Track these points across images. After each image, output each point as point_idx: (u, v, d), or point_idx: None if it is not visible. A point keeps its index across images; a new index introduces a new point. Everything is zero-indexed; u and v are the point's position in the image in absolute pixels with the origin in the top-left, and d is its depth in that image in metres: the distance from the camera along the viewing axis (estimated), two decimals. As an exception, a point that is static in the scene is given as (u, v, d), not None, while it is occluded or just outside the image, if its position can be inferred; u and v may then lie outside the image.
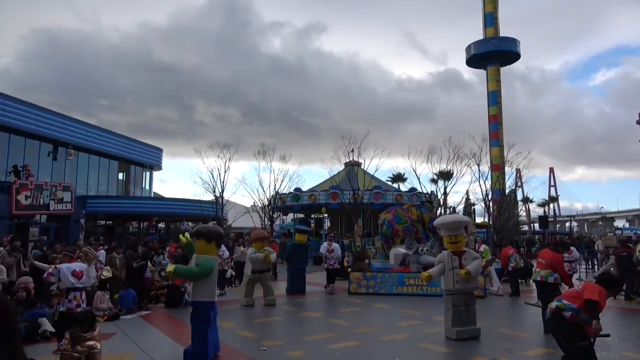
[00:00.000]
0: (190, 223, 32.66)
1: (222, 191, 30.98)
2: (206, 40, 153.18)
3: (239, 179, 66.74)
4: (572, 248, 11.48)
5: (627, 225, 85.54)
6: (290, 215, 38.45)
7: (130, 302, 10.26)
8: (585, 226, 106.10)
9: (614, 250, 13.44)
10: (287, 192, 32.23)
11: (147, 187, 38.68)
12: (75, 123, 28.83)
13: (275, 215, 32.68)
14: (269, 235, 12.93)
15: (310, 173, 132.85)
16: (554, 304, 4.95)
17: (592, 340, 4.71)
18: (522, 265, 13.97)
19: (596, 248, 21.23)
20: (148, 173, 38.84)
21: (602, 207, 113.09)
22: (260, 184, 32.23)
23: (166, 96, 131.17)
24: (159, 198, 38.73)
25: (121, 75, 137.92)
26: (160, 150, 39.08)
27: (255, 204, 33.91)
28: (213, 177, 30.58)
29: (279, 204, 32.05)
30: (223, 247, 13.61)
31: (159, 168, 39.38)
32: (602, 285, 4.86)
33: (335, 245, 15.44)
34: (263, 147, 32.37)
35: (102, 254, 11.53)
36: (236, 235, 17.48)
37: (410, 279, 12.89)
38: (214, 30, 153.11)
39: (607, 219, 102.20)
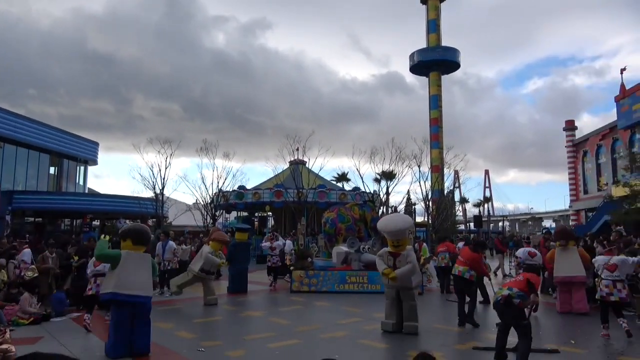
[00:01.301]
0: (127, 221, 31.40)
1: (163, 188, 30.08)
2: (146, 31, 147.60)
3: (180, 176, 64.81)
4: (535, 251, 11.75)
5: (553, 224, 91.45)
6: (234, 214, 37.97)
7: (61, 304, 9.72)
8: (517, 225, 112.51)
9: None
10: (231, 189, 31.80)
11: (81, 183, 36.82)
12: (0, 112, 26.88)
13: (217, 214, 32.14)
14: (229, 241, 12.75)
15: (255, 171, 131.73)
16: (505, 292, 6.01)
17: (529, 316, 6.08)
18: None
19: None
20: (82, 168, 36.98)
21: (532, 208, 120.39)
22: (203, 181, 31.66)
23: (102, 88, 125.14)
24: (93, 194, 36.97)
25: (52, 63, 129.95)
26: (96, 144, 37.30)
27: (198, 201, 33.18)
28: (153, 174, 29.62)
29: (222, 201, 31.57)
30: (173, 245, 13.27)
31: (95, 163, 37.60)
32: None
33: (278, 243, 15.48)
34: (206, 143, 31.79)
35: (26, 253, 10.79)
36: (175, 233, 16.97)
37: (352, 277, 13.11)
38: (154, 21, 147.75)
39: (536, 218, 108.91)
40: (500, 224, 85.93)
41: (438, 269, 14.02)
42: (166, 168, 29.80)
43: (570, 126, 46.96)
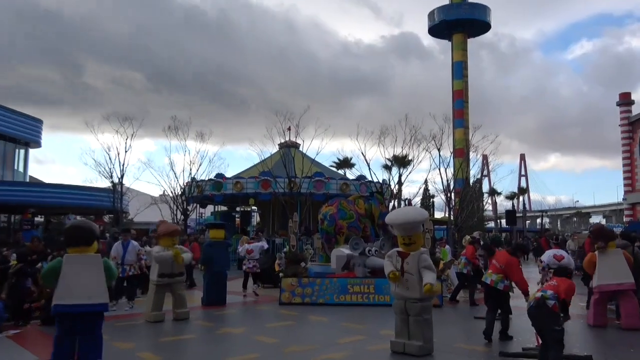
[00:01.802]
0: (78, 217, 31.40)
1: (122, 176, 30.10)
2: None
3: (143, 162, 64.63)
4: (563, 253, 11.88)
5: (603, 221, 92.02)
6: (210, 208, 38.03)
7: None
8: (559, 222, 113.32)
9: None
10: (206, 178, 31.78)
11: (21, 169, 36.71)
12: None
13: (190, 208, 32.19)
14: (180, 230, 12.52)
15: (236, 156, 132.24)
16: (539, 294, 6.67)
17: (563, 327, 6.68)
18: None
19: (567, 248, 22.66)
20: (22, 151, 36.84)
21: (577, 202, 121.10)
22: (172, 168, 31.75)
23: (46, 52, 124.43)
24: (36, 184, 36.87)
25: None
26: (39, 121, 37.14)
27: (165, 193, 33.16)
28: (110, 159, 29.59)
29: (196, 193, 31.60)
30: (136, 245, 13.22)
31: (37, 145, 37.48)
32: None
33: (257, 244, 15.56)
34: (175, 121, 31.78)
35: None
36: (138, 232, 16.99)
37: (355, 286, 13.17)
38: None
39: (582, 214, 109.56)
40: (539, 220, 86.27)
41: (459, 275, 14.11)
42: (126, 152, 29.83)
43: (625, 100, 46.99)
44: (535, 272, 13.43)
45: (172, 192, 31.64)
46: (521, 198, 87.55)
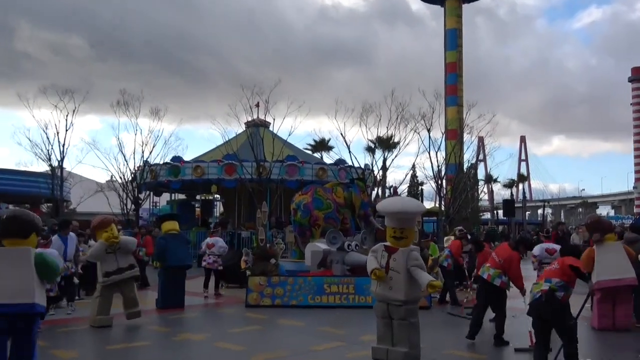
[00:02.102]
0: (10, 206, 30.91)
1: (62, 159, 29.69)
2: None
3: (87, 142, 63.60)
4: None
5: (612, 212, 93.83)
6: (166, 197, 37.76)
7: None
8: (562, 213, 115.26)
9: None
10: (162, 162, 31.52)
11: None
12: None
13: (142, 196, 31.92)
14: (114, 220, 12.26)
15: (196, 136, 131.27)
16: (545, 286, 6.93)
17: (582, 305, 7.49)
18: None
19: (571, 242, 23.08)
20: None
21: (583, 190, 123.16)
22: (121, 150, 31.39)
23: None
24: (-40, 167, 36.13)
25: None
26: (-37, 94, 36.34)
27: (113, 179, 32.82)
28: (48, 138, 29.13)
29: (149, 179, 31.32)
30: (75, 240, 13.02)
31: (-39, 122, 36.67)
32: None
33: (217, 239, 15.58)
34: (125, 95, 31.38)
35: None
36: (81, 224, 16.76)
37: (333, 286, 13.23)
38: None
39: (588, 204, 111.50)
40: (540, 211, 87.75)
41: (443, 271, 14.29)
42: (67, 130, 29.43)
43: (638, 75, 47.83)
44: (531, 269, 13.68)
45: (121, 178, 31.32)
46: (521, 186, 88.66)
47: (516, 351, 8.55)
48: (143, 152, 31.37)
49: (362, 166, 32.21)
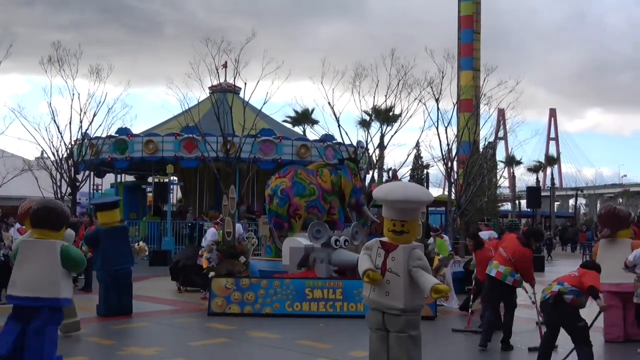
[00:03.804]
0: None
1: (-20, 130, 29.35)
2: None
3: (11, 108, 62.85)
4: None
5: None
6: (110, 178, 37.61)
7: None
8: (599, 204, 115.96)
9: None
10: (104, 135, 31.33)
11: None
12: None
13: (80, 177, 31.71)
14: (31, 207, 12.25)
15: (147, 103, 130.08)
16: (555, 288, 7.97)
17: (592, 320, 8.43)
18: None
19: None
20: None
21: (625, 176, 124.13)
22: (53, 119, 30.96)
23: None
24: None
25: None
26: None
27: (44, 155, 32.55)
28: (-39, 103, 28.82)
29: (89, 156, 31.13)
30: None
31: None
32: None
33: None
34: (58, 50, 30.92)
35: None
36: (3, 211, 16.74)
37: (316, 290, 13.28)
38: None
39: (630, 193, 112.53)
40: (572, 202, 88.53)
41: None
42: (-14, 93, 29.02)
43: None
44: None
45: (54, 154, 31.05)
46: (549, 170, 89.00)
47: (530, 351, 9.45)
48: (81, 122, 30.88)
49: (354, 143, 32.16)
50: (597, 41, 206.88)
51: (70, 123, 30.84)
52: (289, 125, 48.08)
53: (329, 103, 31.08)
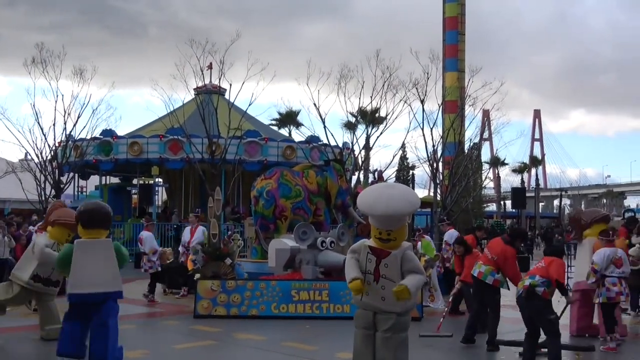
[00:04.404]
0: None
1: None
2: None
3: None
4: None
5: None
6: (95, 180, 37.45)
7: None
8: (583, 205, 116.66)
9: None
10: (89, 137, 31.19)
11: None
12: None
13: (65, 179, 31.58)
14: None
15: (132, 104, 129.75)
16: (527, 282, 8.41)
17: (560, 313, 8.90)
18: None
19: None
20: None
21: (609, 177, 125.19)
22: (37, 121, 30.79)
23: None
24: None
25: None
26: None
27: (28, 157, 32.37)
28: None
29: (74, 158, 30.99)
30: None
31: None
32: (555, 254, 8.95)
33: (146, 234, 15.62)
34: (42, 51, 30.76)
35: None
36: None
37: (302, 292, 13.28)
38: None
39: (614, 194, 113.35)
40: (556, 202, 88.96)
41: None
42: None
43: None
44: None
45: (38, 155, 30.87)
46: (533, 171, 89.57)
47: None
48: (65, 124, 30.77)
49: (340, 145, 32.21)
50: (579, 41, 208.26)
51: (54, 125, 30.75)
52: (274, 127, 48.03)
53: (314, 104, 31.13)
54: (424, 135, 31.06)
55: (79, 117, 31.10)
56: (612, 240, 10.71)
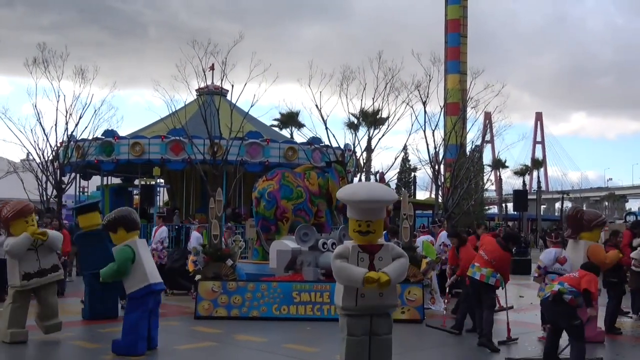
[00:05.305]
0: None
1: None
2: None
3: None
4: None
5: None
6: (96, 180, 37.48)
7: None
8: (584, 207, 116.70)
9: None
10: (90, 137, 31.19)
11: None
12: None
13: (67, 180, 31.60)
14: (34, 207, 12.05)
15: (134, 105, 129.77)
16: (556, 287, 8.70)
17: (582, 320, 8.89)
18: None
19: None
20: None
21: (610, 179, 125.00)
22: (39, 121, 30.82)
23: None
24: None
25: None
26: None
27: (30, 157, 32.40)
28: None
29: (76, 158, 31.01)
30: None
31: None
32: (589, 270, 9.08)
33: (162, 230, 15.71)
34: (44, 51, 30.79)
35: None
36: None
37: (303, 293, 13.29)
38: None
39: (616, 197, 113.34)
40: (558, 205, 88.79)
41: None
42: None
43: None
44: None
45: (39, 156, 30.90)
46: (535, 174, 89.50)
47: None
48: (67, 124, 30.83)
49: (342, 146, 32.20)
50: (579, 43, 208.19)
51: (55, 125, 30.78)
52: (276, 128, 48.04)
53: (316, 106, 31.18)
54: (425, 137, 31.15)
55: (80, 118, 31.19)
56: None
